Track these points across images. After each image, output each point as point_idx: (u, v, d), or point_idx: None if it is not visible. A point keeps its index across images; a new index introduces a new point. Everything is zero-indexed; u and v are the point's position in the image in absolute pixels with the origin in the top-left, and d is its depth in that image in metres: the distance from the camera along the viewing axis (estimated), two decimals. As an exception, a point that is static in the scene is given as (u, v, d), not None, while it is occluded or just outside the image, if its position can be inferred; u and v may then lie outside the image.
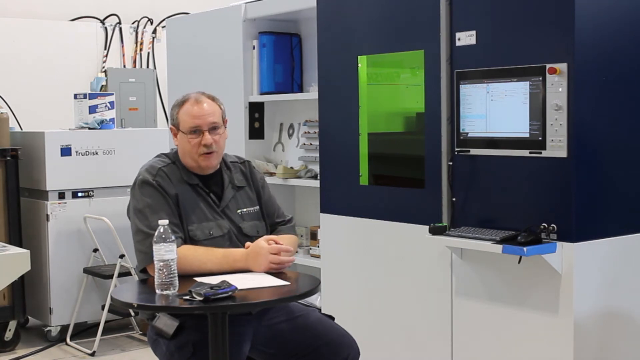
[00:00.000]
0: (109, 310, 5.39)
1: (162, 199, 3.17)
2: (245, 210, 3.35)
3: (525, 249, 3.15)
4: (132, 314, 5.47)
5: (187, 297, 2.75)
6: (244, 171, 3.44)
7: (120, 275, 5.36)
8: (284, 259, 3.13)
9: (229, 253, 3.13)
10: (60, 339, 5.65)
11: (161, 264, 2.81)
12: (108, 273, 5.42)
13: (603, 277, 3.29)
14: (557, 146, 3.18)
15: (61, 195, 5.59)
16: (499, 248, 3.23)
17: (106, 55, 7.09)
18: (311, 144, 4.80)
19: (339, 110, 4.11)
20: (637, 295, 3.39)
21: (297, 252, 4.15)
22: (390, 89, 4.09)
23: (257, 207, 3.39)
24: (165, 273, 2.81)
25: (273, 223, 3.45)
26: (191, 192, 3.26)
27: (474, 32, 3.46)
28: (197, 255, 3.09)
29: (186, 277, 2.95)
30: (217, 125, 3.28)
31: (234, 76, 4.93)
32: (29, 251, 3.55)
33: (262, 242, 3.14)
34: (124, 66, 7.16)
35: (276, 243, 3.15)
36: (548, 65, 3.18)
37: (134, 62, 7.25)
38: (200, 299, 2.71)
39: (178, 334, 3.06)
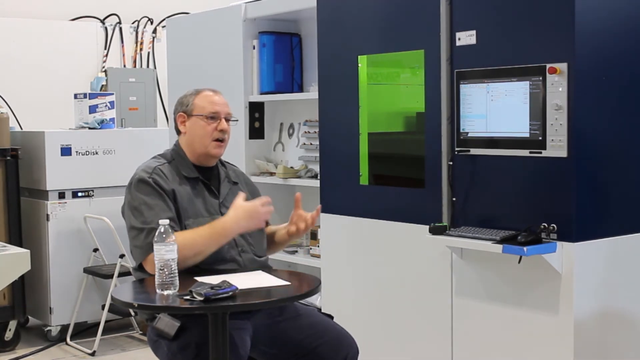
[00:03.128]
0: (109, 310, 5.39)
1: (158, 196, 3.18)
2: None
3: (525, 248, 3.15)
4: (132, 313, 5.47)
5: (188, 297, 2.75)
6: (236, 171, 3.52)
7: (121, 275, 5.36)
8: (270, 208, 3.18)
9: (214, 223, 3.14)
10: (61, 338, 5.65)
11: (161, 264, 2.81)
12: (108, 273, 5.43)
13: (603, 277, 3.29)
14: (557, 146, 3.19)
15: (61, 195, 5.59)
16: (499, 248, 3.23)
17: (106, 55, 7.09)
18: (311, 144, 4.80)
19: (339, 110, 4.11)
20: (637, 295, 3.39)
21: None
22: (390, 89, 4.08)
23: None
24: (166, 273, 2.81)
25: None
26: (188, 189, 3.28)
27: (474, 32, 3.46)
28: (186, 237, 3.07)
29: (186, 277, 2.95)
30: (231, 118, 3.38)
31: (234, 76, 4.93)
32: (29, 251, 3.55)
33: (241, 202, 3.16)
34: (124, 66, 7.16)
35: None
36: (548, 65, 3.18)
37: (134, 62, 7.25)
38: (201, 299, 2.71)
39: (180, 335, 3.05)
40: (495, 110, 3.39)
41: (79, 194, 5.65)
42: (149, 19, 7.31)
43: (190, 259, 3.05)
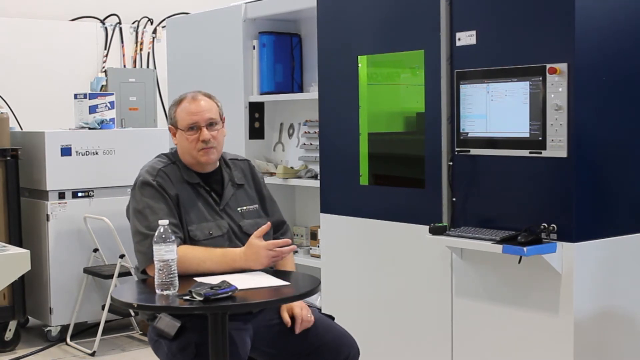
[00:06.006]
0: (109, 310, 5.39)
1: (162, 200, 3.17)
2: (245, 208, 3.36)
3: (525, 249, 3.15)
4: (132, 314, 5.47)
5: (187, 297, 2.75)
6: (244, 169, 3.46)
7: (121, 275, 5.36)
8: (285, 249, 3.14)
9: (227, 252, 3.14)
10: (61, 339, 5.65)
11: (161, 264, 2.81)
12: (108, 273, 5.43)
13: (603, 277, 3.29)
14: (557, 146, 3.19)
15: (61, 195, 5.59)
16: (499, 248, 3.23)
17: (106, 55, 7.09)
18: (311, 144, 4.80)
19: (339, 110, 4.11)
20: (636, 295, 3.39)
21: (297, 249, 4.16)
22: (390, 89, 4.08)
23: (257, 205, 3.40)
24: (166, 273, 2.81)
25: (278, 223, 3.46)
26: (191, 192, 3.27)
27: (474, 32, 3.46)
28: (196, 254, 3.10)
29: (186, 277, 2.95)
30: (215, 122, 3.29)
31: (234, 76, 4.93)
32: (29, 251, 3.54)
33: (255, 240, 3.13)
34: (124, 66, 7.16)
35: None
36: (548, 65, 3.18)
37: (134, 62, 7.25)
38: (201, 299, 2.71)
39: (180, 335, 3.06)
40: (495, 110, 3.39)
41: (79, 194, 5.65)
42: (149, 19, 7.31)
43: (192, 272, 3.05)
